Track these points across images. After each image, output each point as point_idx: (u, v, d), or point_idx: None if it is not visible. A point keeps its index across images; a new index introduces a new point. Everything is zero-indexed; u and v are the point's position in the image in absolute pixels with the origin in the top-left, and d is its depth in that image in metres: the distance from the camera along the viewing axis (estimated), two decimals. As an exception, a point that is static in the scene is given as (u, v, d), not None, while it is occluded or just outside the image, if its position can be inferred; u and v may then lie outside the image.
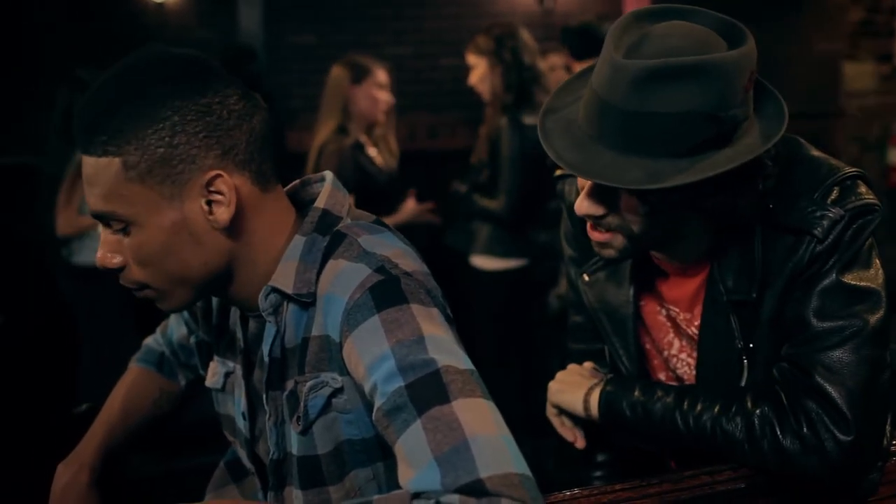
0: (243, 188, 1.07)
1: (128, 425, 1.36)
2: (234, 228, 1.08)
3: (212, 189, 1.04)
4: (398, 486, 0.91)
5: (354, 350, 1.01)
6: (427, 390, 0.92)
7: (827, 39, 5.77)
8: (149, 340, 1.48)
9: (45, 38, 4.76)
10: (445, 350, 0.97)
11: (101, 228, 1.09)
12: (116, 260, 1.07)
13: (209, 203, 1.05)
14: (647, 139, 1.07)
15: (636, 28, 1.11)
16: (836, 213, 1.12)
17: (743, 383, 1.22)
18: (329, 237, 1.10)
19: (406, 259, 1.07)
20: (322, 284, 1.07)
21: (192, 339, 1.31)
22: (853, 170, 1.16)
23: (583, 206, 1.17)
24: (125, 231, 1.05)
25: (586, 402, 1.33)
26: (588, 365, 1.43)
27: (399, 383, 0.94)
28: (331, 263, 1.08)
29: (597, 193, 1.16)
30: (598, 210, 1.16)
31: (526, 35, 3.09)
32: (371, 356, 0.98)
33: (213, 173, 1.04)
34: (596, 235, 1.21)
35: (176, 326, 1.42)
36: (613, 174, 1.07)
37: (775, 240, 1.16)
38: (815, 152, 1.21)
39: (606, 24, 3.52)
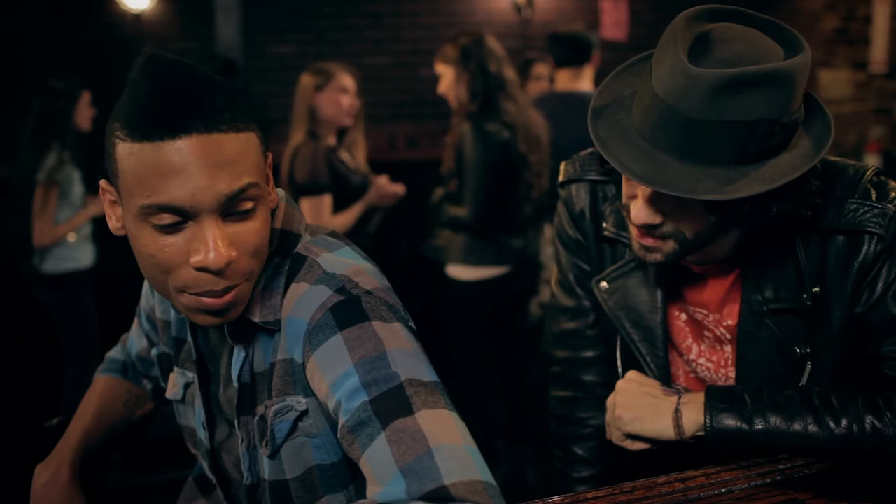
0: None
1: (102, 427, 1.36)
2: None
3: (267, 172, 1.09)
4: None
5: (317, 369, 1.01)
6: (390, 403, 0.92)
7: (802, 47, 5.82)
8: (111, 353, 1.48)
9: (23, 48, 4.73)
10: (408, 364, 0.97)
11: (209, 223, 0.97)
12: (235, 253, 0.99)
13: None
14: (717, 147, 1.06)
15: (690, 31, 1.08)
16: (889, 208, 1.16)
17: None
18: (290, 259, 1.11)
19: (366, 276, 1.07)
20: (285, 308, 1.08)
21: (154, 352, 1.31)
22: (870, 166, 1.21)
23: (641, 215, 1.16)
24: (248, 214, 1.00)
25: (678, 426, 1.22)
26: (635, 376, 1.32)
27: (363, 398, 0.94)
28: (293, 287, 1.08)
29: (656, 202, 1.15)
30: (656, 219, 1.16)
31: (493, 43, 3.09)
32: (334, 374, 0.98)
33: (270, 155, 1.08)
34: (647, 241, 1.20)
35: (136, 339, 1.42)
36: (686, 185, 1.05)
37: (824, 244, 1.18)
38: (831, 157, 1.23)
39: (593, 34, 3.54)
